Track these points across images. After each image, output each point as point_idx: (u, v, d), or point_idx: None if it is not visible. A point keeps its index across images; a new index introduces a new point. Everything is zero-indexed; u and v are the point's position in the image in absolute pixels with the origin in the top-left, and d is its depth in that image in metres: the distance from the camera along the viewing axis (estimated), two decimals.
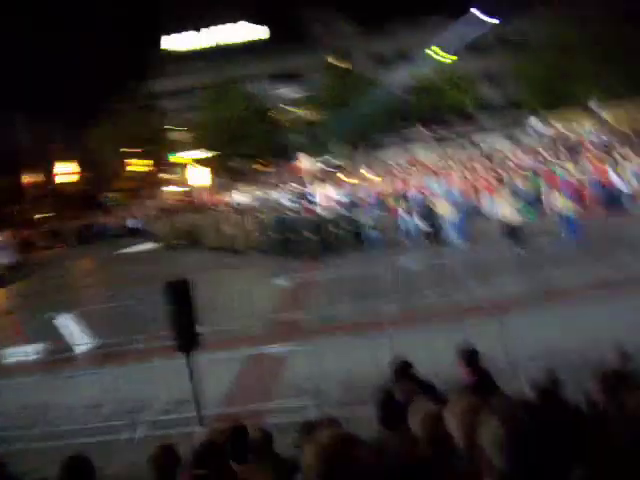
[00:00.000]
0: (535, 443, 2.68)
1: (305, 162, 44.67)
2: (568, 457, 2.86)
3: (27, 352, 15.37)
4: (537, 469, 2.67)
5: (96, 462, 4.69)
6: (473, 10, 49.67)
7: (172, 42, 59.09)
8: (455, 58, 52.51)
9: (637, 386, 3.16)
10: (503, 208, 20.53)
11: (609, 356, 6.10)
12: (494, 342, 9.67)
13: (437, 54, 51.31)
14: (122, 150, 53.03)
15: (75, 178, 62.63)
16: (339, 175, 40.78)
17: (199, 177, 45.55)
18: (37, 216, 55.76)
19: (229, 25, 58.12)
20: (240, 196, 37.84)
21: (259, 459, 5.27)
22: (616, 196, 23.35)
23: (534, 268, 16.09)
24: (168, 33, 58.29)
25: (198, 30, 58.32)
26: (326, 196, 29.03)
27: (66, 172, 61.87)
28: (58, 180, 61.59)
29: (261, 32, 58.75)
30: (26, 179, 60.05)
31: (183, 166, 55.37)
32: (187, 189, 49.24)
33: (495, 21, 50.14)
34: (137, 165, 56.05)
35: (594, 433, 3.42)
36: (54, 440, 10.22)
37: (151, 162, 55.50)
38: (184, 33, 58.43)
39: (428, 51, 51.42)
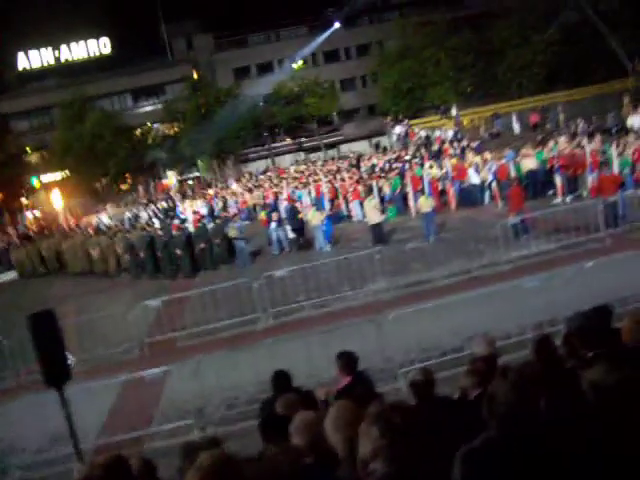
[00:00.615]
0: (414, 445, 2.75)
1: (172, 178, 44.05)
2: (447, 451, 2.95)
3: None
4: (417, 468, 2.75)
5: None
6: (329, 21, 50.74)
7: (26, 61, 56.58)
8: (302, 64, 53.40)
9: (502, 371, 3.32)
10: (367, 210, 21.09)
11: (475, 344, 6.36)
12: (371, 343, 9.87)
13: (297, 64, 51.99)
14: None
15: None
16: (207, 190, 40.50)
17: (60, 200, 43.79)
18: None
19: (83, 42, 56.32)
20: (107, 217, 36.76)
21: None
22: (472, 190, 24.51)
23: (401, 266, 16.61)
24: (17, 52, 55.76)
25: (55, 48, 56.13)
26: (195, 212, 28.69)
27: None
28: None
29: (115, 47, 57.33)
30: None
31: (44, 189, 53.07)
32: (48, 213, 47.20)
33: (341, 27, 51.33)
34: None
35: (468, 421, 3.56)
36: None
37: (7, 187, 52.70)
38: (34, 51, 56.04)
39: (288, 61, 52.01)
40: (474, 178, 24.58)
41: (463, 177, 25.04)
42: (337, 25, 50.93)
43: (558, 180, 22.29)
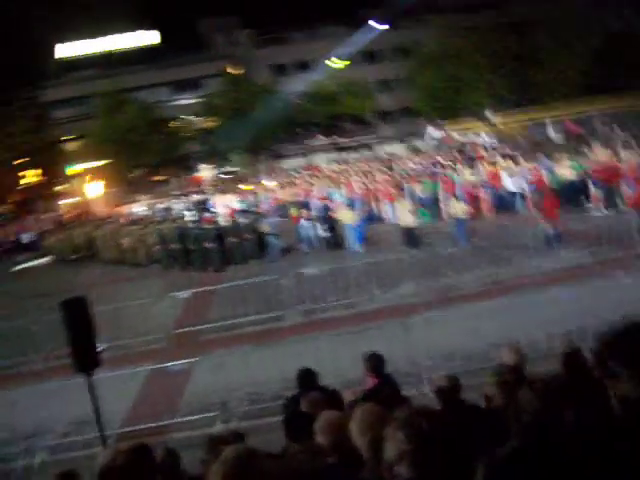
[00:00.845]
0: (440, 452, 2.74)
1: (205, 172, 44.35)
2: (471, 457, 2.93)
3: None
4: (442, 474, 2.73)
5: None
6: (370, 21, 50.55)
7: (65, 50, 57.34)
8: (348, 63, 53.25)
9: (529, 380, 3.29)
10: (401, 213, 20.99)
11: (503, 353, 6.30)
12: (398, 346, 9.83)
13: (334, 63, 51.93)
14: (15, 162, 50.88)
15: None
16: (239, 184, 40.65)
17: (95, 188, 44.37)
18: None
19: (124, 33, 56.97)
20: (139, 207, 37.13)
21: (165, 478, 5.15)
22: (508, 198, 24.28)
23: (432, 271, 16.52)
24: (62, 41, 56.54)
25: (93, 37, 56.84)
26: (226, 205, 28.86)
27: None
28: None
29: (155, 38, 57.87)
30: None
31: (78, 177, 53.74)
32: (83, 201, 47.80)
33: (386, 27, 51.10)
34: (29, 176, 53.95)
35: (493, 429, 3.53)
36: None
37: (44, 173, 53.48)
38: (78, 41, 56.79)
39: (326, 60, 51.94)
40: (509, 185, 24.36)
41: (497, 183, 24.82)
42: (377, 26, 50.78)
43: (594, 190, 21.99)
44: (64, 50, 57.30)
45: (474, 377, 8.56)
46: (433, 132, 43.42)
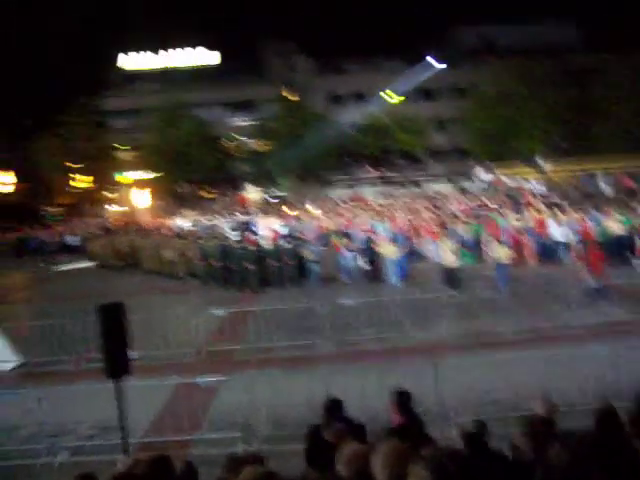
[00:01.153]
0: None
1: (251, 192, 44.69)
2: None
3: None
4: None
5: None
6: (429, 58, 50.75)
7: (128, 61, 58.73)
8: (403, 99, 53.43)
9: (560, 434, 3.21)
10: (443, 252, 20.84)
11: (535, 404, 6.18)
12: (427, 385, 9.71)
13: (389, 97, 52.13)
14: (67, 165, 52.02)
15: (14, 189, 61.23)
16: (284, 208, 40.87)
17: (142, 199, 45.10)
18: None
19: (185, 49, 58.15)
20: (183, 221, 37.54)
21: None
22: (553, 247, 23.98)
23: (469, 313, 16.36)
24: (125, 52, 57.95)
25: (155, 52, 58.12)
26: (269, 228, 29.01)
27: (6, 182, 60.43)
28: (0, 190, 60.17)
29: (215, 58, 58.85)
30: None
31: (127, 186, 54.70)
32: (130, 210, 48.59)
33: (444, 65, 51.26)
34: (80, 181, 55.08)
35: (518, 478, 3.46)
36: None
37: (94, 179, 54.57)
38: (140, 53, 58.14)
39: (381, 93, 52.19)
40: (556, 234, 24.07)
41: (543, 231, 24.54)
42: (435, 64, 50.95)
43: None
44: (126, 61, 58.67)
45: (502, 425, 8.40)
46: (482, 174, 43.22)
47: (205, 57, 58.61)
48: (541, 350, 11.72)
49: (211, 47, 58.12)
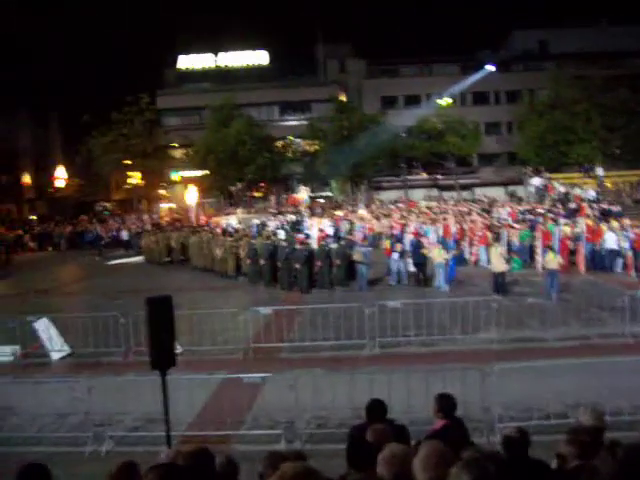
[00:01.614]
0: None
1: (303, 193, 44.80)
2: None
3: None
4: None
5: (55, 473, 4.59)
6: (485, 65, 50.23)
7: (184, 61, 59.50)
8: (456, 102, 53.01)
9: (607, 444, 3.14)
10: (493, 258, 20.60)
11: (582, 413, 6.05)
12: (472, 392, 9.60)
13: (444, 100, 51.70)
14: (123, 162, 52.89)
15: (72, 183, 62.66)
16: (335, 210, 40.90)
17: (195, 197, 45.64)
18: (31, 217, 55.54)
19: (243, 52, 58.63)
20: (235, 220, 37.84)
21: None
22: (604, 255, 23.54)
23: (517, 319, 16.15)
24: (185, 52, 58.74)
25: (215, 54, 58.75)
26: (320, 229, 29.06)
27: (64, 177, 61.86)
28: (57, 184, 61.56)
29: (268, 59, 59.18)
30: (25, 179, 60.05)
31: (181, 184, 55.36)
32: (183, 207, 49.20)
33: (495, 69, 50.63)
34: (135, 178, 55.99)
35: None
36: (14, 446, 10.07)
37: (148, 176, 55.36)
38: (199, 54, 58.84)
39: (435, 97, 51.80)
40: (609, 243, 23.59)
41: (596, 240, 24.07)
42: (490, 68, 50.36)
43: None
44: (184, 62, 59.47)
45: (547, 436, 8.27)
46: (536, 180, 42.54)
47: (258, 58, 59.00)
48: (590, 360, 11.51)
49: (264, 47, 58.49)
